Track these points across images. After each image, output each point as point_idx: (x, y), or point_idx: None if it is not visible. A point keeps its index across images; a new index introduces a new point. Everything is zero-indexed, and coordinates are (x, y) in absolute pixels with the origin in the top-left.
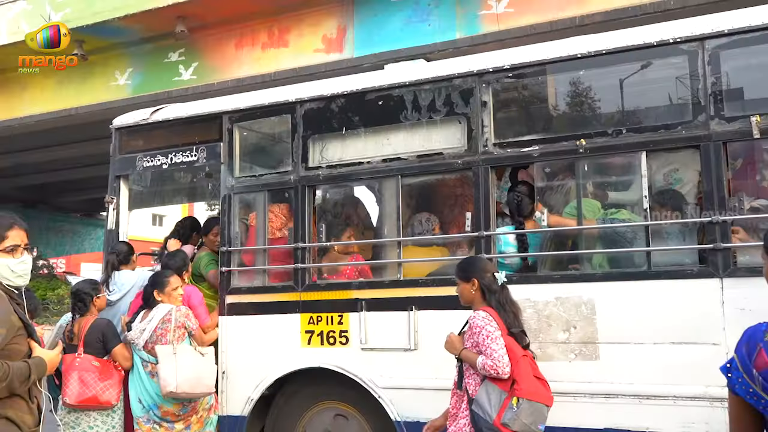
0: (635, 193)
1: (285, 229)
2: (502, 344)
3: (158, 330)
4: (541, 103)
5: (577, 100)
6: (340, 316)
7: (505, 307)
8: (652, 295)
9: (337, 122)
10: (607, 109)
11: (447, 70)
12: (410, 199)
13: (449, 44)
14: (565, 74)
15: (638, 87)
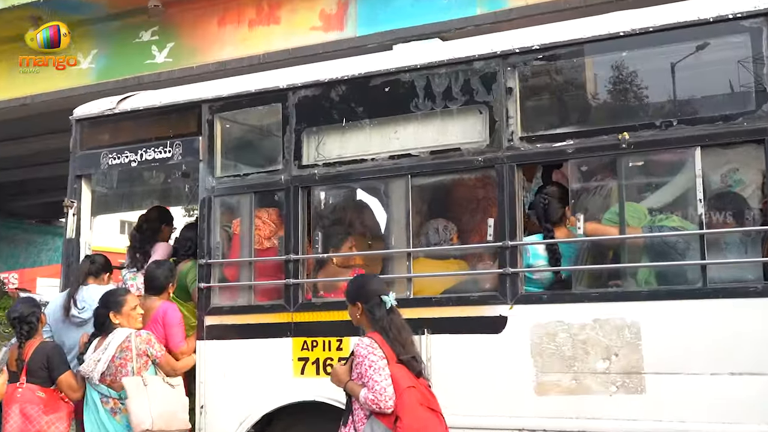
0: (688, 196)
1: (275, 238)
2: (387, 375)
3: (116, 360)
4: (577, 90)
5: (618, 86)
6: (339, 341)
7: (389, 334)
8: (708, 317)
9: (336, 112)
10: (654, 98)
11: (465, 52)
12: (422, 204)
13: (468, 21)
14: (605, 56)
15: (692, 71)
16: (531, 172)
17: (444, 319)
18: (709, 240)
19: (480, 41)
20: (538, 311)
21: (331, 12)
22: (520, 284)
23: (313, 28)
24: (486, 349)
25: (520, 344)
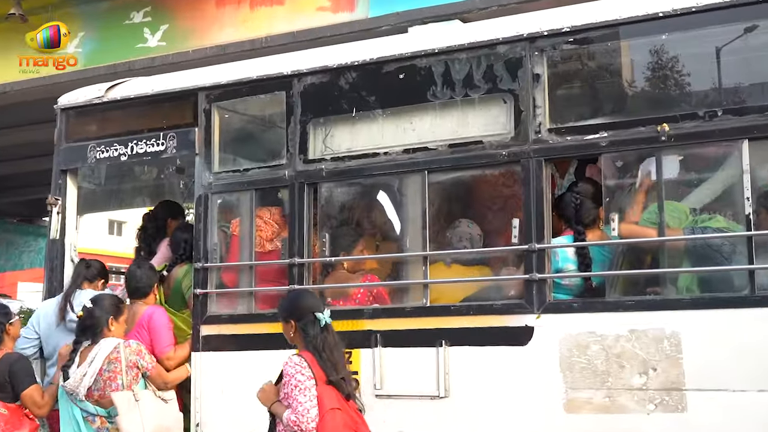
0: (734, 194)
1: (277, 239)
2: (312, 396)
3: (105, 372)
4: (611, 77)
5: (657, 73)
6: (349, 353)
7: (321, 354)
8: (757, 328)
9: (345, 102)
10: (697, 85)
11: (488, 34)
12: (441, 202)
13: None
14: (643, 39)
15: (739, 56)
16: (563, 167)
17: (464, 329)
18: (757, 242)
19: (504, 23)
20: (567, 321)
21: None
22: (548, 291)
23: (320, 8)
24: (510, 363)
25: (548, 357)
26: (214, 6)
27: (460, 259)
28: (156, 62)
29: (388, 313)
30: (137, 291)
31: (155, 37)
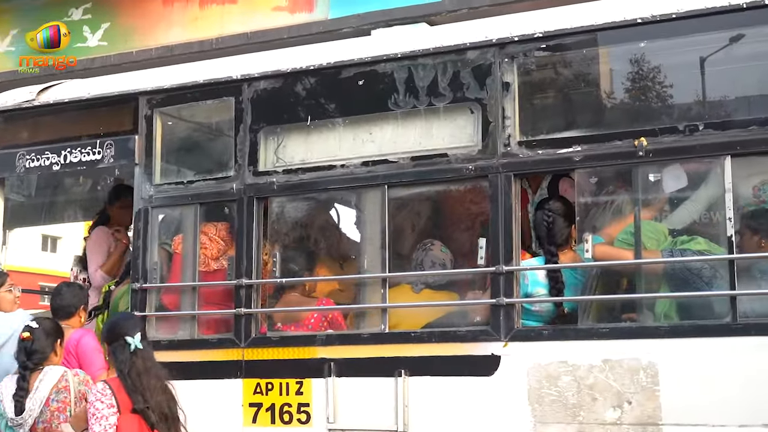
0: (716, 214)
1: (224, 258)
2: (108, 425)
3: (52, 403)
4: (587, 87)
5: (636, 83)
6: (300, 383)
7: (127, 380)
8: (739, 358)
9: (300, 109)
10: (677, 98)
11: (455, 39)
12: (403, 219)
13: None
14: (621, 47)
15: (722, 67)
16: (536, 181)
17: (425, 358)
18: (740, 266)
19: (472, 27)
20: (537, 349)
21: None
22: (517, 317)
23: (276, 8)
24: (475, 395)
25: (515, 389)
26: (161, 4)
27: (430, 283)
28: (96, 63)
29: (342, 339)
30: (60, 310)
31: (95, 36)
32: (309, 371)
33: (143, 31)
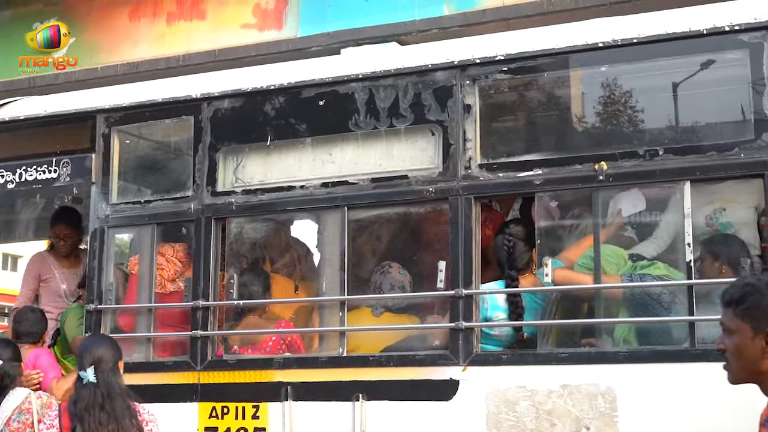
0: (676, 239)
1: (180, 280)
2: None
3: (13, 423)
4: (549, 111)
5: (597, 107)
6: (256, 407)
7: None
8: (698, 384)
9: (259, 129)
10: (639, 122)
11: (417, 60)
12: (363, 241)
13: (434, 23)
14: (582, 71)
15: (681, 92)
16: (508, 203)
17: (383, 382)
18: (699, 292)
19: (434, 48)
20: (496, 374)
21: (268, 7)
22: (476, 341)
23: (245, 25)
24: (433, 420)
25: (473, 414)
26: (127, 19)
27: (390, 306)
28: (60, 79)
29: (300, 363)
30: (28, 336)
31: (61, 52)
32: (266, 395)
33: (109, 47)
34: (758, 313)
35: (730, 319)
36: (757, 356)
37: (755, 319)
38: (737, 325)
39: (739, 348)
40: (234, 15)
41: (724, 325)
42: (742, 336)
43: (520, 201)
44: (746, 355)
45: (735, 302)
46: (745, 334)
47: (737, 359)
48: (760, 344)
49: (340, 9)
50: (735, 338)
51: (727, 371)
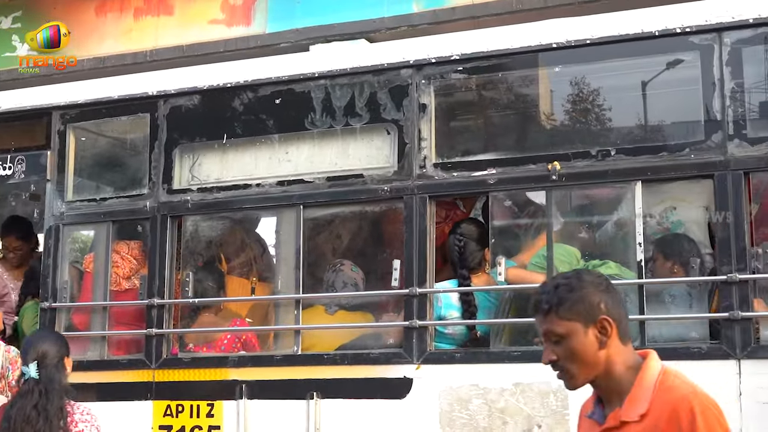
0: (627, 238)
1: (136, 277)
2: None
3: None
4: (503, 111)
5: (551, 107)
6: (211, 406)
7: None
8: None
9: (216, 127)
10: (592, 123)
11: (372, 59)
12: (319, 240)
13: (403, 20)
14: (536, 71)
15: (633, 93)
16: (470, 202)
17: (337, 380)
18: (649, 291)
19: (390, 48)
20: (449, 373)
21: (236, 3)
22: (430, 340)
23: (213, 21)
24: (387, 418)
25: (427, 412)
26: (94, 14)
27: (344, 304)
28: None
29: (255, 361)
30: None
31: (25, 46)
32: (220, 393)
33: (75, 42)
34: (582, 306)
35: (557, 324)
36: (594, 348)
37: (581, 314)
38: (567, 327)
39: (576, 348)
40: (202, 11)
41: (550, 333)
42: (575, 335)
43: (483, 200)
44: (584, 352)
45: (555, 306)
46: (577, 331)
47: (577, 360)
48: (594, 335)
49: (308, 6)
50: (568, 341)
51: (564, 380)
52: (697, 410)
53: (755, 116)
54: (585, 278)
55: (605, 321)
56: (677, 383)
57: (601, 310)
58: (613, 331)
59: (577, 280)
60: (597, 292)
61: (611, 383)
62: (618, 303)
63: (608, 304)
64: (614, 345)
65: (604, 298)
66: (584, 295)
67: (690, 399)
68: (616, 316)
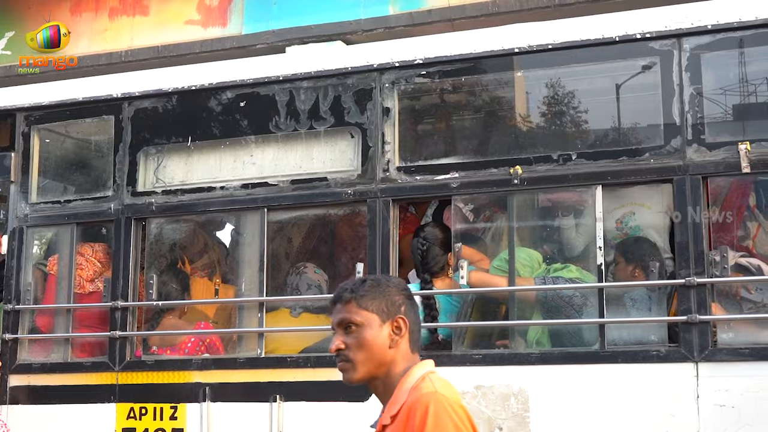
0: (588, 242)
1: (100, 280)
2: None
3: None
4: (466, 114)
5: (514, 112)
6: (174, 408)
7: None
8: (606, 385)
9: (180, 130)
10: (553, 127)
11: (337, 63)
12: (283, 243)
13: (379, 22)
14: (498, 75)
15: (594, 98)
16: (422, 208)
17: (300, 383)
18: (610, 295)
19: (355, 52)
20: None
21: (212, 3)
22: None
23: (189, 21)
24: (350, 421)
25: None
26: (69, 13)
27: (308, 306)
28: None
29: (218, 364)
30: None
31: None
32: (184, 396)
33: None
34: (383, 301)
35: (355, 312)
36: (384, 345)
37: (381, 308)
38: (364, 317)
39: (368, 339)
40: (178, 11)
41: (345, 321)
42: (369, 327)
43: (434, 206)
44: (374, 344)
45: (358, 296)
46: (373, 323)
47: (364, 351)
48: (388, 332)
49: (285, 7)
50: (362, 330)
51: (345, 372)
52: (431, 409)
53: (714, 121)
54: (392, 280)
55: (401, 320)
56: (426, 385)
57: (400, 311)
58: (406, 334)
59: (384, 279)
60: (400, 295)
61: (388, 388)
62: (416, 314)
63: (407, 309)
64: (403, 349)
65: (405, 302)
66: (388, 292)
67: (428, 398)
68: (411, 323)
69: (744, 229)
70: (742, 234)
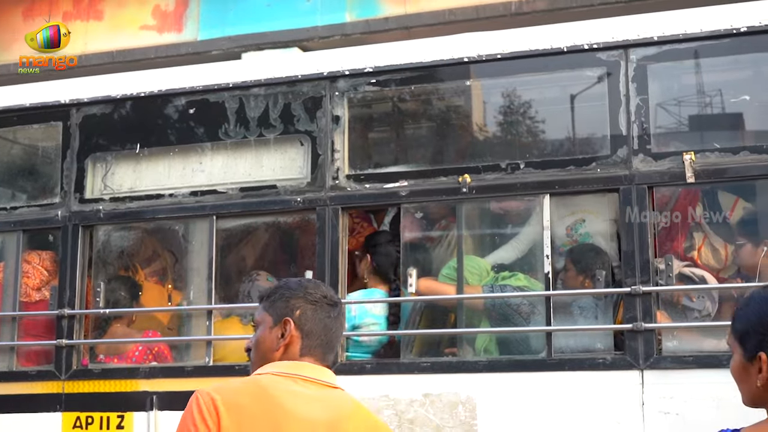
0: (536, 251)
1: (47, 288)
2: None
3: None
4: (415, 123)
5: (463, 121)
6: (121, 417)
7: None
8: (553, 393)
9: (129, 137)
10: (501, 136)
11: (287, 71)
12: (232, 251)
13: (336, 29)
14: (447, 84)
15: (542, 107)
16: (381, 216)
17: None
18: (557, 303)
19: (306, 59)
20: (360, 383)
21: (168, 9)
22: (340, 350)
23: (143, 27)
24: None
25: None
26: (21, 18)
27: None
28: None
29: (166, 372)
30: None
31: None
32: (131, 405)
33: (1, 46)
34: (280, 304)
35: (258, 311)
36: (272, 346)
37: (276, 310)
38: (261, 317)
39: (259, 339)
40: (132, 16)
41: (254, 322)
42: (262, 326)
43: (392, 213)
44: (263, 344)
45: (265, 298)
46: (266, 323)
47: (256, 351)
48: (276, 334)
49: (241, 13)
50: (258, 330)
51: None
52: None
53: (660, 132)
54: (309, 289)
55: (289, 323)
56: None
57: (292, 314)
58: (294, 339)
59: (297, 284)
60: (303, 301)
61: None
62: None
63: (305, 316)
64: (291, 353)
65: (306, 309)
66: (290, 296)
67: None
68: (307, 329)
69: (690, 240)
70: (688, 245)
